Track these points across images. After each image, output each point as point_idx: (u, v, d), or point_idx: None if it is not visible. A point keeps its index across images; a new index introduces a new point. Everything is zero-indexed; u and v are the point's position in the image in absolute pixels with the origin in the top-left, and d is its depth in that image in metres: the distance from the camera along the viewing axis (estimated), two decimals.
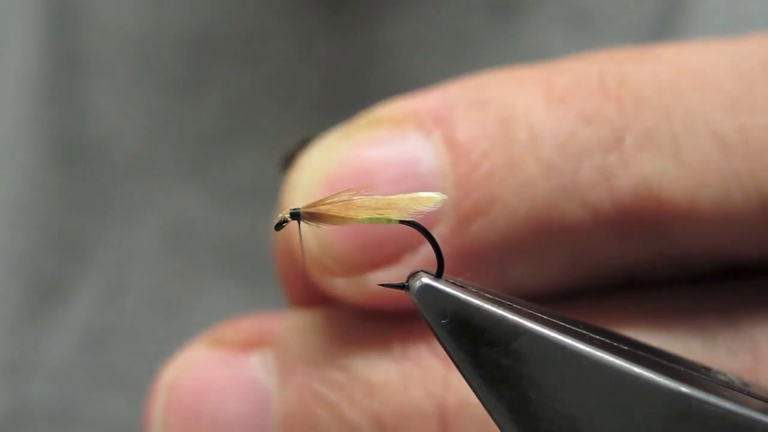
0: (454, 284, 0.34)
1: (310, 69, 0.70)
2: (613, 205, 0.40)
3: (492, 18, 0.70)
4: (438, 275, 0.34)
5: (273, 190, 0.71)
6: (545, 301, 0.40)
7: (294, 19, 0.70)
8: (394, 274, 0.40)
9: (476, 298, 0.34)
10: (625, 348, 0.34)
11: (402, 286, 0.35)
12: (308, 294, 0.44)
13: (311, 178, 0.41)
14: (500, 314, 0.34)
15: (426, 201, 0.35)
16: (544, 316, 0.34)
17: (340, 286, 0.41)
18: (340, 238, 0.40)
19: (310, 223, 0.35)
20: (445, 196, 0.35)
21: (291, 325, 0.43)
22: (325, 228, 0.37)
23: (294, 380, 0.41)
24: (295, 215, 0.35)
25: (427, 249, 0.40)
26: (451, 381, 0.40)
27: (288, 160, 0.44)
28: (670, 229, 0.41)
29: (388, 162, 0.41)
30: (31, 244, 0.70)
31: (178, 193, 0.70)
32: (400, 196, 0.35)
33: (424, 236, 0.35)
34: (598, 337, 0.34)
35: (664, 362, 0.35)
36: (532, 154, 0.40)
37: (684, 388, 0.32)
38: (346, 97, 0.70)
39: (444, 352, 0.37)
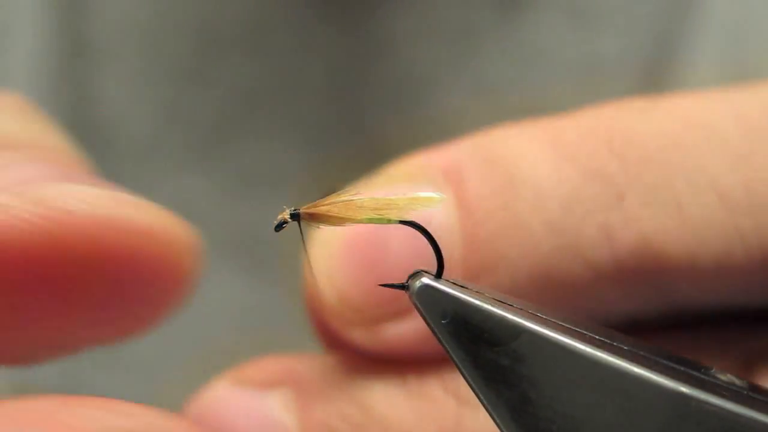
0: (454, 284, 0.34)
1: (315, 60, 0.70)
2: (615, 262, 0.41)
3: (495, 11, 0.70)
4: (438, 275, 0.34)
5: (276, 179, 0.71)
6: None
7: (299, 10, 0.70)
8: (411, 325, 0.41)
9: (476, 299, 0.34)
10: (625, 348, 0.34)
11: (402, 286, 0.35)
12: (337, 336, 0.44)
13: (331, 239, 0.42)
14: (500, 314, 0.34)
15: (426, 201, 0.35)
16: (544, 316, 0.34)
17: (359, 335, 0.42)
18: (358, 290, 0.41)
19: (311, 223, 0.35)
20: (444, 196, 0.35)
21: (310, 364, 0.44)
22: (341, 278, 0.39)
23: (312, 418, 0.42)
24: (295, 216, 0.35)
25: None
26: (462, 418, 0.41)
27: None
28: (671, 283, 0.41)
29: None
30: None
31: (182, 179, 0.71)
32: (400, 196, 0.35)
33: (424, 236, 0.35)
34: (598, 337, 0.34)
35: (664, 362, 0.35)
36: (537, 214, 0.41)
37: (684, 388, 0.32)
38: (349, 88, 0.70)
39: (454, 385, 0.39)
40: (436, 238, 0.37)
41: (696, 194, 0.40)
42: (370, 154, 0.50)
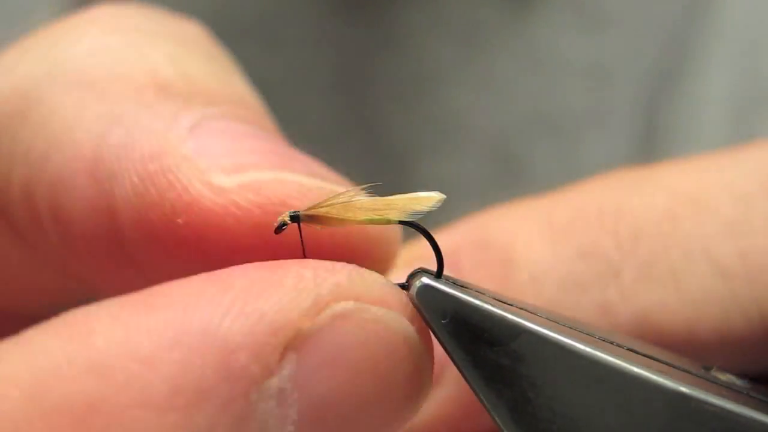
0: (454, 284, 0.34)
1: (325, 54, 0.70)
2: None
3: (504, 9, 0.70)
4: (438, 275, 0.34)
5: None
6: None
7: (312, 4, 0.70)
8: None
9: (476, 298, 0.34)
10: (625, 348, 0.34)
11: (402, 286, 0.35)
12: None
13: None
14: (500, 314, 0.34)
15: (425, 201, 0.35)
16: (544, 317, 0.34)
17: None
18: None
19: (311, 225, 0.35)
20: (444, 196, 0.35)
21: None
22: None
23: None
24: (295, 218, 0.35)
25: None
26: None
27: None
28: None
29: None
30: None
31: None
32: (400, 196, 0.35)
33: (424, 236, 0.35)
34: (598, 336, 0.34)
35: (664, 362, 0.34)
36: (534, 294, 0.42)
37: (684, 388, 0.32)
38: (358, 82, 0.70)
39: None
40: None
41: (691, 265, 0.41)
42: (378, 149, 0.50)
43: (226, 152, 0.37)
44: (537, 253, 0.42)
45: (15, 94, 0.42)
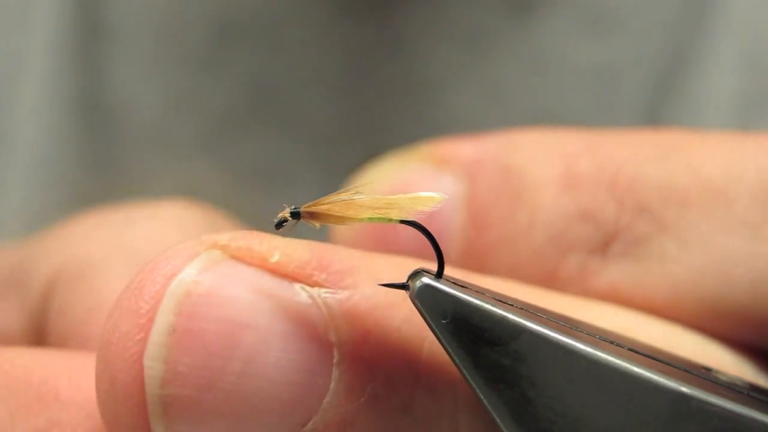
0: (455, 284, 0.34)
1: (329, 57, 0.70)
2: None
3: (509, 14, 0.70)
4: (438, 275, 0.34)
5: (282, 173, 0.71)
6: None
7: (315, 5, 0.70)
8: None
9: (476, 298, 0.34)
10: (626, 348, 0.34)
11: (402, 286, 0.35)
12: None
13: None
14: (500, 314, 0.33)
15: (426, 201, 0.35)
16: (545, 317, 0.34)
17: None
18: None
19: (311, 222, 0.35)
20: (445, 196, 0.35)
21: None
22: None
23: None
24: (296, 215, 0.35)
25: None
26: None
27: (357, 170, 0.50)
28: None
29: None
30: (48, 198, 0.72)
31: (189, 166, 0.71)
32: (401, 195, 0.35)
33: (424, 235, 0.35)
34: (598, 336, 0.34)
35: (665, 362, 0.34)
36: (526, 238, 0.43)
37: (684, 389, 0.32)
38: (361, 85, 0.70)
39: None
40: (442, 227, 0.37)
41: (683, 257, 0.41)
42: (381, 152, 0.50)
43: None
44: (544, 197, 0.43)
45: (75, 261, 0.48)
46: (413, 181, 0.46)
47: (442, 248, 0.35)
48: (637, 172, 0.42)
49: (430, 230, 0.35)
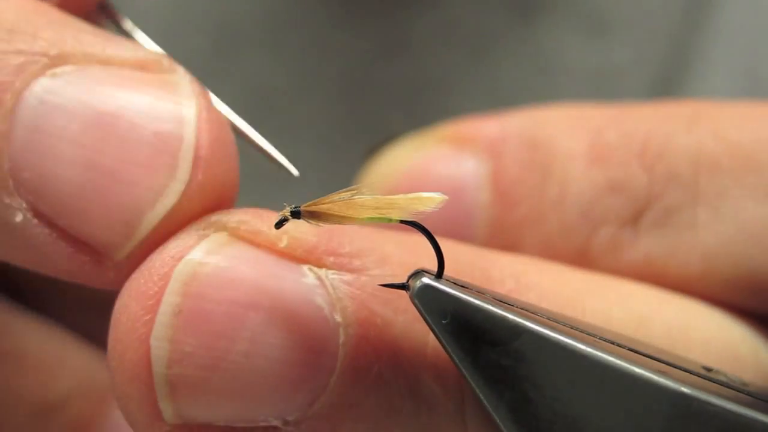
0: (455, 284, 0.34)
1: (330, 60, 0.70)
2: (616, 273, 0.42)
3: (511, 17, 0.70)
4: (438, 275, 0.34)
5: (284, 175, 0.72)
6: None
7: (317, 10, 0.70)
8: None
9: (477, 299, 0.34)
10: (627, 348, 0.34)
11: (402, 287, 0.34)
12: None
13: (387, 174, 0.45)
14: (501, 314, 0.33)
15: (428, 201, 0.35)
16: (545, 317, 0.34)
17: None
18: None
19: (311, 221, 0.35)
20: (446, 197, 0.35)
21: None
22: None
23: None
24: (297, 214, 0.35)
25: None
26: None
27: (372, 151, 0.49)
28: None
29: (441, 180, 0.44)
30: None
31: None
32: (402, 195, 0.35)
33: (425, 236, 0.35)
34: (599, 337, 0.34)
35: (665, 362, 0.34)
36: (556, 213, 0.42)
37: (685, 389, 0.32)
38: (363, 89, 0.70)
39: None
40: (467, 209, 0.37)
41: (715, 224, 0.40)
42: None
43: None
44: (573, 170, 0.43)
45: None
46: (431, 164, 0.45)
47: (467, 230, 0.35)
48: (666, 140, 0.42)
49: (454, 212, 0.36)
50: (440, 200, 0.35)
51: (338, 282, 0.35)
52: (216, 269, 0.35)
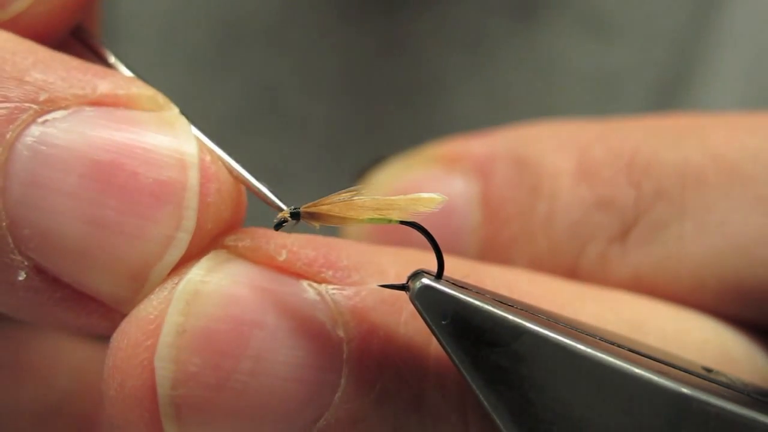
0: (455, 285, 0.34)
1: (331, 58, 0.70)
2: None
3: (511, 18, 0.70)
4: (438, 276, 0.34)
5: (285, 174, 0.71)
6: None
7: (320, 9, 0.70)
8: None
9: (477, 299, 0.34)
10: (626, 349, 0.34)
11: (402, 287, 0.34)
12: None
13: None
14: (501, 315, 0.33)
15: (427, 202, 0.35)
16: (545, 317, 0.34)
17: None
18: None
19: (311, 222, 0.35)
20: (446, 198, 0.35)
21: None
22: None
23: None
24: (296, 215, 0.35)
25: None
26: None
27: (362, 173, 0.49)
28: None
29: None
30: None
31: None
32: (401, 196, 0.35)
33: (425, 236, 0.35)
34: (599, 338, 0.34)
35: (665, 363, 0.34)
36: (545, 231, 0.42)
37: (685, 389, 0.32)
38: (364, 88, 0.70)
39: None
40: (458, 229, 0.37)
41: (702, 237, 0.40)
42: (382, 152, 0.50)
43: None
44: (561, 188, 0.43)
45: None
46: (421, 185, 0.45)
47: (458, 249, 0.35)
48: (653, 155, 0.42)
49: (445, 232, 0.35)
50: (440, 200, 0.35)
51: (339, 297, 0.35)
52: (218, 287, 0.34)
